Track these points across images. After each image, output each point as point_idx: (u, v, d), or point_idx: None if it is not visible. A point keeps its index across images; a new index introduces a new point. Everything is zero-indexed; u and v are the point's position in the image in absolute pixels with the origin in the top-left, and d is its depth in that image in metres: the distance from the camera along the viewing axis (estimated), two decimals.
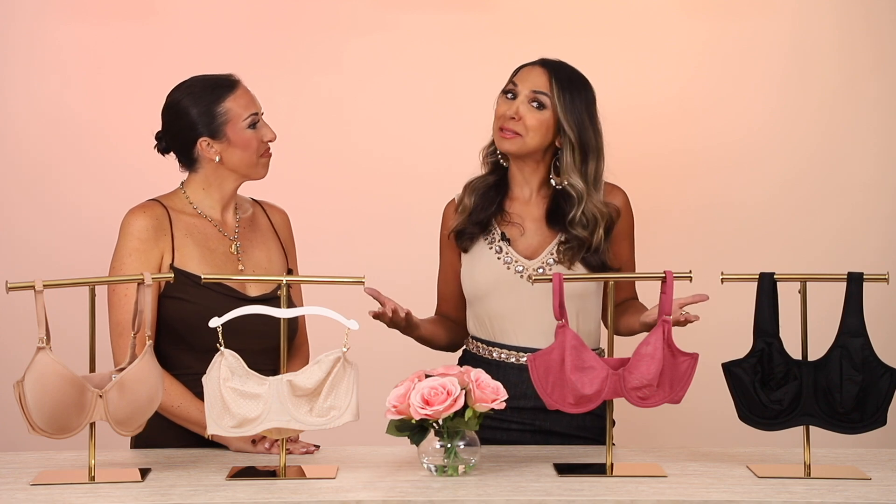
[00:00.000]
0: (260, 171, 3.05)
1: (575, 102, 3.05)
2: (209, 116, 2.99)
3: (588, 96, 3.08)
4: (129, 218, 2.99)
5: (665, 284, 2.69)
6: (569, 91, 3.05)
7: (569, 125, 3.03)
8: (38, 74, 4.31)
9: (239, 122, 2.99)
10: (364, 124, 4.39)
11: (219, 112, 2.99)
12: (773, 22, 4.33)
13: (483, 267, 3.10)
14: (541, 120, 3.04)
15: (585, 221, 3.04)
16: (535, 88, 3.06)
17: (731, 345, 2.96)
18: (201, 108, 2.99)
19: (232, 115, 2.99)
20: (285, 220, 3.20)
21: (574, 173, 3.05)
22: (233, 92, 3.00)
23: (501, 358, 3.08)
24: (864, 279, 2.68)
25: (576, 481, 2.61)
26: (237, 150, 3.00)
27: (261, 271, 3.06)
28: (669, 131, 4.29)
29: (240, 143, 3.00)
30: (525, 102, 3.05)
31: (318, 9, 4.36)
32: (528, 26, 4.33)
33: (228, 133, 2.99)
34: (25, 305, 2.71)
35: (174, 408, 2.91)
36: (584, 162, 3.05)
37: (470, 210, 3.14)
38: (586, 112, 3.06)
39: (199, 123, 2.99)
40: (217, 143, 2.99)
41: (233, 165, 3.01)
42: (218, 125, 2.99)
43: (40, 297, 2.53)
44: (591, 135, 3.05)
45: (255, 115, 3.01)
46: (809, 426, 2.69)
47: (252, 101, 3.03)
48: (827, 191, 4.35)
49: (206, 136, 2.99)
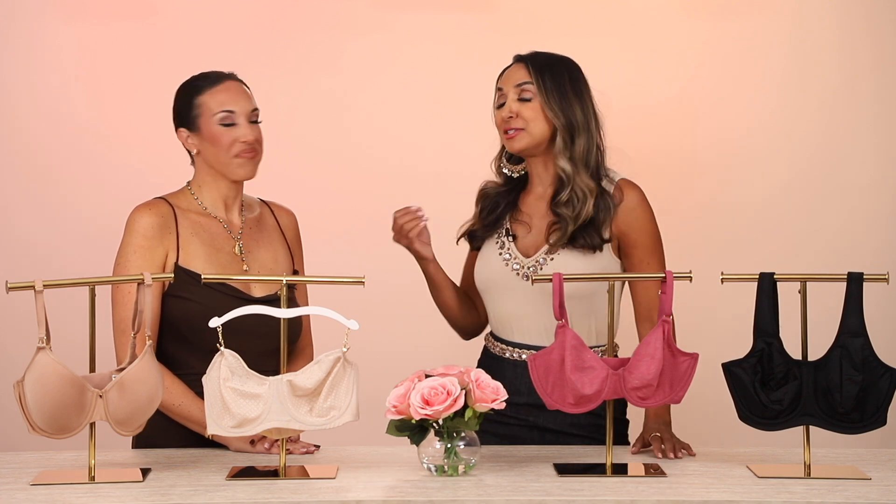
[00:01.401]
0: (235, 170, 3.02)
1: (556, 82, 3.04)
2: (188, 108, 3.02)
3: (570, 73, 3.07)
4: (135, 215, 2.99)
5: (665, 284, 2.69)
6: (548, 73, 3.04)
7: (551, 109, 3.03)
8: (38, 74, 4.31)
9: (210, 117, 3.00)
10: (364, 124, 4.39)
11: (194, 104, 3.01)
12: (773, 22, 4.34)
13: (484, 263, 3.13)
14: (534, 109, 3.05)
15: (574, 200, 3.01)
16: (518, 82, 3.06)
17: (731, 345, 2.96)
18: (184, 99, 3.03)
19: (204, 110, 3.00)
20: (293, 221, 3.20)
21: (562, 156, 3.04)
22: (213, 86, 3.01)
23: (504, 355, 3.08)
24: (864, 279, 2.68)
25: (576, 481, 2.61)
26: (208, 145, 3.00)
27: (266, 272, 3.06)
28: (669, 131, 4.29)
29: (209, 138, 3.00)
30: (515, 100, 3.06)
31: (318, 9, 4.36)
32: (528, 26, 4.33)
33: (201, 126, 3.00)
34: (25, 305, 2.71)
35: (175, 406, 2.91)
36: (573, 141, 3.03)
37: (479, 214, 3.17)
38: (570, 89, 3.04)
39: (180, 113, 3.03)
40: (193, 136, 3.01)
41: (209, 161, 3.02)
42: (193, 117, 3.01)
43: (40, 297, 2.53)
44: (578, 111, 3.03)
45: (229, 113, 2.99)
46: (809, 426, 2.69)
47: (232, 99, 3.00)
48: (827, 191, 4.35)
49: (184, 126, 3.02)
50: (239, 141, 3.00)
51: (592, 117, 3.06)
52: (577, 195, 3.01)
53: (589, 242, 3.01)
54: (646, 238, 3.05)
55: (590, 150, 3.04)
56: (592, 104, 3.07)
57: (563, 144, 3.04)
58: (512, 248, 3.09)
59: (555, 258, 3.03)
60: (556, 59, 3.09)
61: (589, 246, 3.01)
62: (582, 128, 3.03)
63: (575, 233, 3.01)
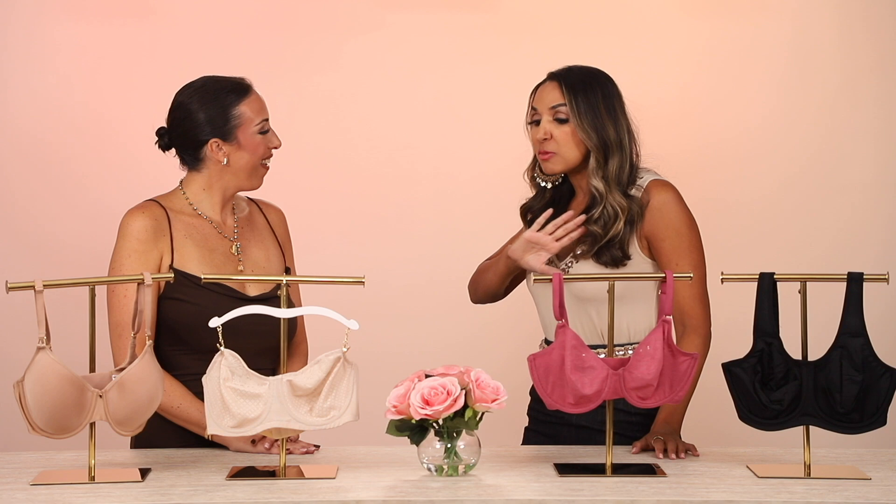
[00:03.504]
0: (257, 181, 3.06)
1: (589, 102, 3.01)
2: (223, 119, 2.99)
3: (604, 90, 3.04)
4: (128, 219, 2.99)
5: (665, 284, 2.69)
6: (581, 93, 3.02)
7: (584, 131, 3.00)
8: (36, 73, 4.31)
9: (251, 127, 3.00)
10: (363, 124, 4.39)
11: (233, 115, 2.99)
12: (773, 22, 4.34)
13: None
14: (567, 132, 3.03)
15: (605, 219, 3.00)
16: (552, 104, 3.04)
17: (731, 345, 2.96)
18: (216, 109, 2.99)
19: (245, 120, 3.00)
20: (281, 217, 3.20)
21: (595, 176, 3.02)
22: (247, 96, 3.02)
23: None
24: (864, 279, 2.67)
25: (576, 481, 2.61)
26: (245, 154, 3.01)
27: (259, 270, 3.06)
28: (669, 131, 4.29)
29: (249, 147, 3.00)
30: (549, 121, 3.04)
31: (317, 8, 4.36)
32: (529, 26, 4.34)
33: (240, 136, 3.00)
34: (25, 305, 2.71)
35: (174, 408, 2.91)
36: (606, 161, 3.01)
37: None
38: (604, 106, 3.02)
39: (212, 125, 2.99)
40: (227, 146, 3.00)
41: (238, 168, 3.02)
42: (231, 128, 2.99)
43: (40, 297, 2.52)
44: (611, 130, 3.00)
45: (265, 122, 3.03)
46: (809, 426, 2.69)
47: (263, 107, 3.04)
48: (827, 191, 4.35)
49: (217, 137, 2.99)
50: (269, 147, 3.04)
51: (625, 133, 3.03)
52: (609, 213, 2.99)
53: (610, 258, 2.99)
54: (674, 238, 3.00)
55: (622, 168, 3.01)
56: (626, 119, 3.04)
57: (597, 164, 3.01)
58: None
59: (574, 266, 3.03)
60: (589, 77, 3.05)
61: (611, 262, 2.99)
62: (615, 147, 3.01)
63: (600, 248, 3.00)
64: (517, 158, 3.19)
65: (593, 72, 3.08)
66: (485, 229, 4.19)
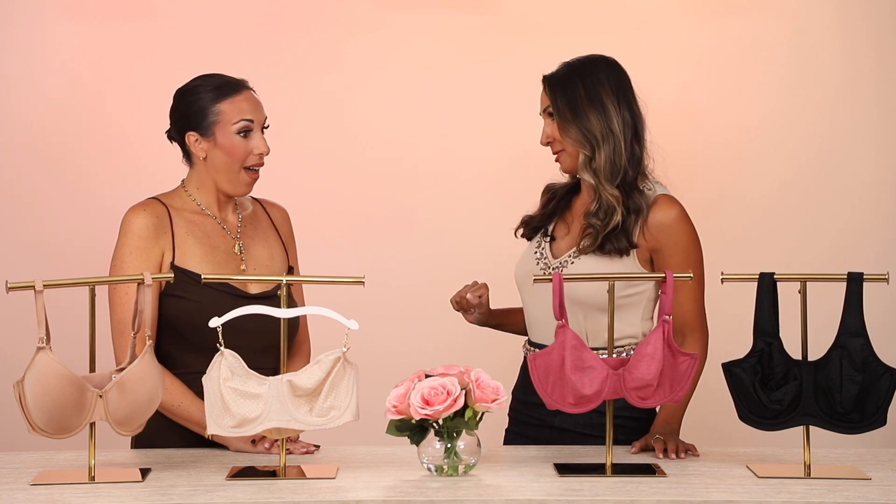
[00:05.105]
0: (239, 186, 3.02)
1: (567, 97, 3.00)
2: (203, 113, 2.99)
3: (589, 79, 3.01)
4: (129, 216, 2.99)
5: (665, 284, 2.69)
6: (559, 90, 3.01)
7: (565, 129, 3.01)
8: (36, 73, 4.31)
9: (229, 126, 2.99)
10: (364, 124, 4.39)
11: (212, 111, 2.99)
12: (773, 22, 4.34)
13: (522, 259, 3.15)
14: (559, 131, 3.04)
15: (601, 212, 3.00)
16: (544, 106, 3.06)
17: (731, 345, 2.96)
18: (200, 103, 2.99)
19: (223, 117, 2.98)
20: (285, 216, 3.20)
21: (585, 170, 3.02)
22: (233, 95, 3.00)
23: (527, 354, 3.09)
24: (864, 279, 2.68)
25: (576, 481, 2.61)
26: (220, 154, 2.99)
27: (262, 268, 3.06)
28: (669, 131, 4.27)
29: (224, 147, 2.99)
30: (548, 123, 3.05)
31: (318, 9, 4.36)
32: (528, 26, 4.34)
33: (217, 134, 2.99)
34: (25, 305, 2.71)
35: (175, 407, 2.91)
36: (593, 154, 3.00)
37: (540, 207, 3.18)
38: (585, 97, 3.00)
39: (193, 117, 2.99)
40: (204, 141, 3.00)
41: (216, 168, 3.00)
42: (208, 123, 2.99)
43: (40, 296, 2.53)
44: (594, 121, 2.98)
45: (247, 122, 2.99)
46: (809, 426, 2.69)
47: (252, 109, 3.00)
48: (827, 190, 4.35)
49: (195, 130, 2.99)
50: (253, 153, 3.00)
51: (617, 121, 3.00)
52: (604, 207, 2.99)
53: (616, 247, 2.98)
54: (682, 255, 2.99)
55: (613, 160, 2.99)
56: (619, 105, 3.01)
57: (584, 158, 3.01)
58: (546, 247, 3.09)
59: (576, 262, 3.03)
60: (571, 71, 3.04)
61: (616, 250, 2.98)
62: (602, 138, 2.99)
63: (604, 239, 3.00)
64: (517, 158, 3.20)
65: (582, 62, 3.05)
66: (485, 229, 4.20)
